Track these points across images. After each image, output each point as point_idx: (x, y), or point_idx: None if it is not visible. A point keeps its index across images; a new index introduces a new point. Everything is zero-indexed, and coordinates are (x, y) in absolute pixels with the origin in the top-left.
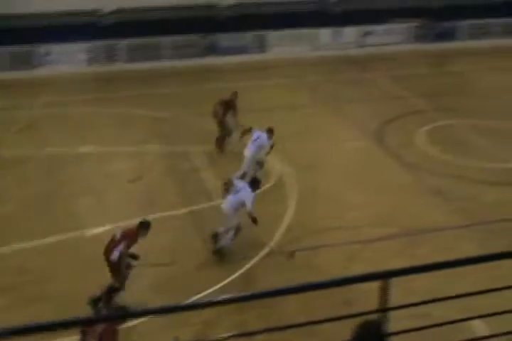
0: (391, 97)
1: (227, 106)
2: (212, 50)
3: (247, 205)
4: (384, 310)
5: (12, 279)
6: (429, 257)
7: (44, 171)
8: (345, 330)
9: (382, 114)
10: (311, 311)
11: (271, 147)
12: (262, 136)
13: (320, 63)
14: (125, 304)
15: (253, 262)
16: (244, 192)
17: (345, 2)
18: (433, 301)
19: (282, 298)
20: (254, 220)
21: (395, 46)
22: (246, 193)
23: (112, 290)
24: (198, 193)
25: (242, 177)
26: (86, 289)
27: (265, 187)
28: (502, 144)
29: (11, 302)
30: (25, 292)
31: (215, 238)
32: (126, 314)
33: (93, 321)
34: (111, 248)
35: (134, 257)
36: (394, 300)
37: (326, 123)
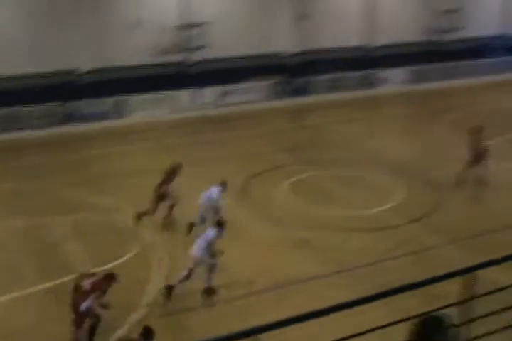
0: (253, 154)
1: (169, 176)
2: (72, 118)
3: (207, 239)
4: None
5: None
6: (304, 307)
7: None
8: None
9: (245, 171)
10: None
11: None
12: (213, 191)
13: (181, 125)
14: None
15: (124, 328)
16: (210, 232)
17: (203, 63)
18: None
19: None
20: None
21: (254, 104)
22: (210, 233)
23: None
24: (61, 267)
25: (202, 221)
26: None
27: (132, 253)
28: (362, 192)
29: None
30: None
31: (170, 289)
32: None
33: None
34: (80, 299)
35: (106, 307)
36: None
37: (189, 184)
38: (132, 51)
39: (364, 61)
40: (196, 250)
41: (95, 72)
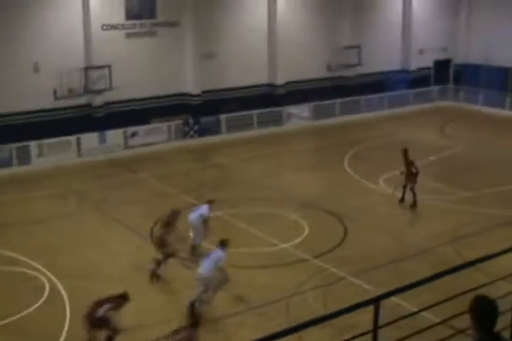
0: (160, 196)
1: (168, 224)
2: None
3: (220, 262)
4: None
5: None
6: None
7: None
8: None
9: (152, 213)
10: None
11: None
12: (203, 208)
13: (86, 169)
14: None
15: None
16: (215, 253)
17: (108, 105)
18: None
19: None
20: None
21: (160, 145)
22: (218, 253)
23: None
24: None
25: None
26: None
27: (38, 303)
28: (269, 229)
29: None
30: None
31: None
32: None
33: None
34: (94, 309)
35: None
36: None
37: (97, 229)
38: (34, 95)
39: (270, 98)
40: (204, 269)
41: None
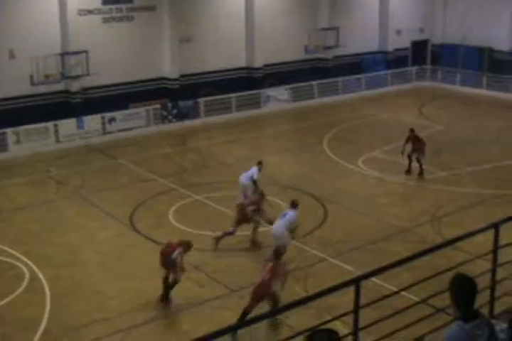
0: (139, 181)
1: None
2: None
3: (293, 222)
4: None
5: None
6: (193, 333)
7: None
8: None
9: (131, 199)
10: None
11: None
12: (252, 170)
13: (65, 155)
14: None
15: None
16: (289, 214)
17: (86, 91)
18: None
19: None
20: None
21: (138, 130)
22: (290, 214)
23: (173, 284)
24: None
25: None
26: None
27: (17, 292)
28: None
29: None
30: None
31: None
32: None
33: None
34: (170, 251)
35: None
36: None
37: (77, 215)
38: (10, 82)
39: (248, 81)
40: (277, 229)
41: None
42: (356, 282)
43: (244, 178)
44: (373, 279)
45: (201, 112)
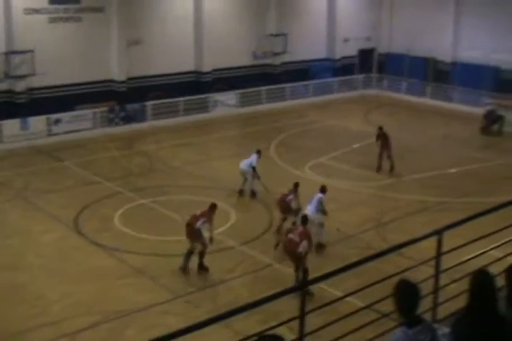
0: (84, 184)
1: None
2: None
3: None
4: None
5: None
6: (137, 338)
7: None
8: None
9: (76, 202)
10: None
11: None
12: (252, 157)
13: (8, 156)
14: None
15: None
16: (316, 197)
17: (31, 91)
18: None
19: None
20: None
21: (84, 132)
22: (318, 197)
23: (202, 253)
24: None
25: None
26: None
27: None
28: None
29: None
30: None
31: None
32: None
33: None
34: (194, 221)
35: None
36: None
37: (20, 218)
38: None
39: (196, 86)
40: (311, 212)
41: None
42: (303, 287)
43: (244, 165)
44: (320, 284)
45: (149, 115)
